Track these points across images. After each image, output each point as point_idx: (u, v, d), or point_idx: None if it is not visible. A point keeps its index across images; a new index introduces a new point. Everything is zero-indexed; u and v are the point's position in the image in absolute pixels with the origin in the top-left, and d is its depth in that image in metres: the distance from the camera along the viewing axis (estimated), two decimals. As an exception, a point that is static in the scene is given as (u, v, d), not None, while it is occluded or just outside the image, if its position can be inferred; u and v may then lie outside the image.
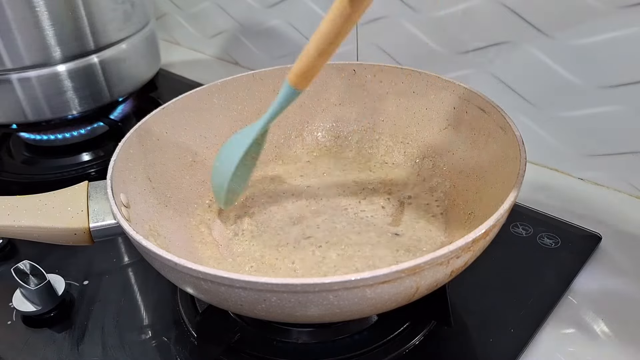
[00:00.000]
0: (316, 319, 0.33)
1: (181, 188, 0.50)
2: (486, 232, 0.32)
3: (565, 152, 0.59)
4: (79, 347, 0.44)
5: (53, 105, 0.63)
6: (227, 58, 0.96)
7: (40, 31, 0.59)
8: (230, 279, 0.30)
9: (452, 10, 0.61)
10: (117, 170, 0.42)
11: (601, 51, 0.52)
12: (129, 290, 0.50)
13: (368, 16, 0.70)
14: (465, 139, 0.49)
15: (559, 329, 0.43)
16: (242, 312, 0.34)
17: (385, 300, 0.32)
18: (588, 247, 0.50)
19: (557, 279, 0.47)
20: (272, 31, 0.84)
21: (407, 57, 0.69)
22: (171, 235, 0.45)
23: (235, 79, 0.55)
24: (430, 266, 0.31)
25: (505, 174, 0.41)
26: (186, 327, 0.45)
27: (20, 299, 0.47)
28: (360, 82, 0.56)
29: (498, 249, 0.41)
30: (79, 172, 0.68)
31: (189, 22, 0.98)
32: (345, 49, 0.75)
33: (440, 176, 0.51)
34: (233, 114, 0.55)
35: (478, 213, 0.44)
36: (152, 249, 0.33)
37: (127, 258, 0.53)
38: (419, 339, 0.42)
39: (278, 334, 0.43)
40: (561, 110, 0.57)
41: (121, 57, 0.67)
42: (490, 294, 0.46)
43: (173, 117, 0.51)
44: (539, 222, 0.53)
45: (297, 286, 0.30)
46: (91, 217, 0.40)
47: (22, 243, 0.54)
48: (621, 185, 0.57)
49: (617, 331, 0.43)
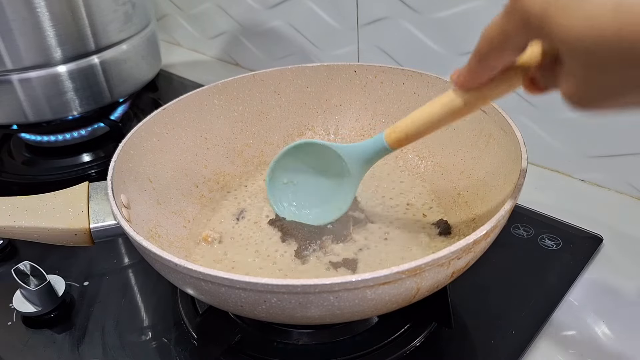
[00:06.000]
0: (317, 320, 0.33)
1: (182, 189, 0.50)
2: (487, 234, 0.32)
3: (566, 154, 0.59)
4: (79, 348, 0.44)
5: (54, 106, 0.63)
6: (228, 59, 0.96)
7: (41, 32, 0.59)
8: (231, 279, 0.30)
9: (453, 12, 0.61)
10: (117, 171, 0.42)
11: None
12: (129, 291, 0.49)
13: (369, 17, 0.70)
14: (466, 140, 0.49)
15: (560, 330, 0.43)
16: (243, 313, 0.34)
17: (385, 302, 0.32)
18: (589, 249, 0.50)
19: (558, 280, 0.47)
20: (272, 32, 0.84)
21: (408, 58, 0.69)
22: (171, 236, 0.45)
23: (235, 80, 0.55)
24: (431, 267, 0.31)
25: (506, 175, 0.41)
26: (186, 328, 0.45)
27: (20, 300, 0.47)
28: (361, 83, 0.56)
29: (499, 250, 0.41)
30: (80, 172, 0.68)
31: (189, 23, 0.98)
32: (346, 50, 0.75)
33: (441, 177, 0.51)
34: (234, 115, 0.55)
35: (479, 214, 0.44)
36: (152, 249, 0.33)
37: (127, 259, 0.53)
38: (419, 340, 0.42)
39: (278, 335, 0.43)
40: (562, 111, 0.57)
41: (122, 58, 0.67)
42: (491, 296, 0.46)
43: (173, 118, 0.51)
44: (540, 224, 0.53)
45: (297, 287, 0.30)
46: (92, 218, 0.40)
47: (23, 244, 0.54)
48: (622, 186, 0.57)
49: (618, 333, 0.43)
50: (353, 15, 0.72)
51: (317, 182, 0.47)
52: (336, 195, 0.46)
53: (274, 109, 0.57)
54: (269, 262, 0.44)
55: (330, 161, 0.45)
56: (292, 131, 0.57)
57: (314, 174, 0.47)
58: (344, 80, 0.56)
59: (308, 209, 0.48)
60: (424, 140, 0.52)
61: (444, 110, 0.35)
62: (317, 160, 0.46)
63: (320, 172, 0.47)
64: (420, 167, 0.53)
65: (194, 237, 0.48)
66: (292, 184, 0.48)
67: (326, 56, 0.79)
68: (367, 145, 0.42)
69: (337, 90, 0.57)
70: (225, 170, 0.54)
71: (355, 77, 0.56)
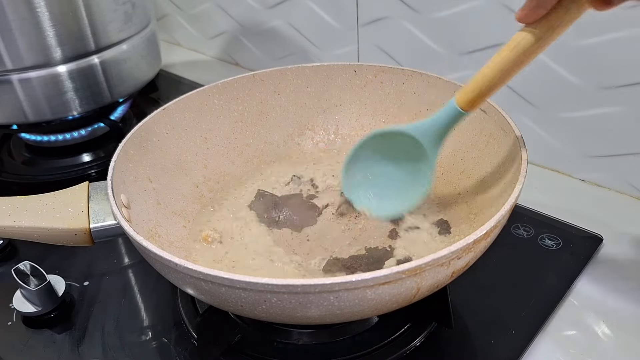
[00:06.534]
0: (317, 320, 0.33)
1: (182, 189, 0.50)
2: (487, 233, 0.32)
3: (566, 153, 0.59)
4: (79, 348, 0.44)
5: (54, 106, 0.63)
6: (228, 59, 0.96)
7: (41, 32, 0.59)
8: (231, 279, 0.30)
9: (453, 11, 0.61)
10: (117, 171, 0.42)
11: (602, 52, 0.52)
12: (129, 291, 0.49)
13: (369, 17, 0.70)
14: (466, 140, 0.49)
15: (560, 330, 0.43)
16: (243, 313, 0.34)
17: (386, 301, 0.32)
18: (589, 249, 0.50)
19: (558, 280, 0.47)
20: (272, 32, 0.84)
21: (408, 58, 0.69)
22: (171, 236, 0.45)
23: (235, 80, 0.55)
24: (431, 267, 0.31)
25: (506, 175, 0.41)
26: (186, 328, 0.45)
27: (20, 300, 0.47)
28: (361, 83, 0.56)
29: (499, 250, 0.41)
30: (80, 172, 0.68)
31: (189, 23, 0.98)
32: (346, 50, 0.75)
33: (441, 177, 0.51)
34: (234, 115, 0.55)
35: (479, 214, 0.44)
36: (152, 249, 0.33)
37: (127, 259, 0.53)
38: (419, 340, 0.42)
39: (278, 335, 0.43)
40: (562, 111, 0.57)
41: (122, 57, 0.67)
42: (491, 296, 0.46)
43: (173, 118, 0.51)
44: (540, 224, 0.53)
45: (297, 287, 0.30)
46: (92, 218, 0.40)
47: (23, 244, 0.54)
48: (622, 186, 0.57)
49: (618, 333, 0.43)
50: (353, 15, 0.72)
51: (394, 171, 0.46)
52: (416, 179, 0.45)
53: (274, 109, 0.57)
54: (269, 262, 0.44)
55: (404, 146, 0.44)
56: (292, 131, 0.57)
57: (388, 164, 0.46)
58: (344, 80, 0.56)
59: (387, 201, 0.47)
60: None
61: (515, 52, 0.33)
62: (390, 149, 0.45)
63: (396, 160, 0.46)
64: (420, 167, 0.53)
65: (194, 237, 0.48)
66: (368, 178, 0.47)
67: (326, 56, 0.79)
68: (439, 117, 0.41)
69: (337, 90, 0.57)
70: (225, 170, 0.54)
71: (355, 77, 0.56)
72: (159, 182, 0.48)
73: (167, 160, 0.50)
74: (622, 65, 0.51)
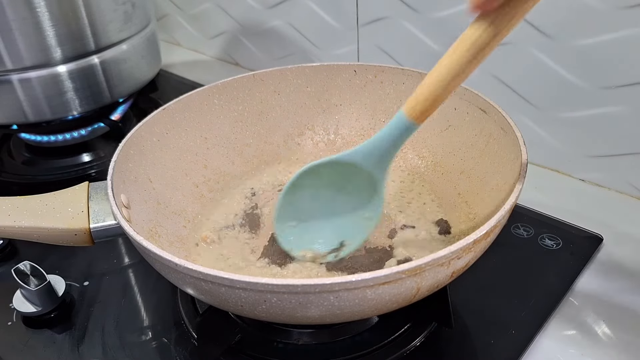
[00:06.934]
0: (317, 320, 0.33)
1: (182, 189, 0.50)
2: (487, 233, 0.32)
3: (567, 153, 0.59)
4: (79, 348, 0.44)
5: (53, 106, 0.63)
6: (228, 59, 0.96)
7: (41, 32, 0.59)
8: (231, 279, 0.30)
9: (453, 11, 0.61)
10: (117, 170, 0.42)
11: (602, 52, 0.52)
12: (129, 291, 0.49)
13: (369, 17, 0.70)
14: (466, 140, 0.49)
15: (560, 330, 0.43)
16: (243, 313, 0.34)
17: (386, 301, 0.32)
18: (589, 248, 0.50)
19: (559, 280, 0.47)
20: (272, 32, 0.84)
21: (408, 58, 0.69)
22: (171, 236, 0.45)
23: (235, 80, 0.55)
24: (431, 267, 0.31)
25: (506, 175, 0.41)
26: (186, 328, 0.45)
27: (20, 300, 0.47)
28: (361, 83, 0.56)
29: (499, 250, 0.41)
30: (80, 172, 0.68)
31: (189, 22, 0.98)
32: (346, 50, 0.75)
33: (441, 177, 0.51)
34: (234, 115, 0.55)
35: (479, 214, 0.44)
36: (152, 249, 0.33)
37: (127, 259, 0.53)
38: (419, 340, 0.42)
39: (278, 335, 0.43)
40: (562, 111, 0.57)
41: (122, 57, 0.67)
42: (492, 295, 0.46)
43: (173, 118, 0.51)
44: (540, 223, 0.53)
45: (297, 287, 0.29)
46: (92, 218, 0.40)
47: (23, 244, 0.54)
48: (622, 186, 0.57)
49: (619, 333, 0.43)
50: (353, 15, 0.72)
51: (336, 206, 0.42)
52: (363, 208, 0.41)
53: (274, 108, 0.57)
54: (269, 262, 0.44)
55: (344, 175, 0.39)
56: (292, 131, 0.57)
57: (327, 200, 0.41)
58: (344, 80, 0.56)
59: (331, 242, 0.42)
60: (424, 140, 0.53)
61: (472, 48, 0.29)
62: (329, 182, 0.41)
63: (338, 194, 0.41)
64: (420, 167, 0.53)
65: (194, 237, 0.48)
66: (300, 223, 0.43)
67: (326, 56, 0.79)
68: (385, 134, 0.36)
69: (337, 90, 0.57)
70: (225, 170, 0.54)
71: (355, 77, 0.56)
72: (159, 182, 0.48)
73: (167, 160, 0.50)
74: (622, 65, 0.51)
